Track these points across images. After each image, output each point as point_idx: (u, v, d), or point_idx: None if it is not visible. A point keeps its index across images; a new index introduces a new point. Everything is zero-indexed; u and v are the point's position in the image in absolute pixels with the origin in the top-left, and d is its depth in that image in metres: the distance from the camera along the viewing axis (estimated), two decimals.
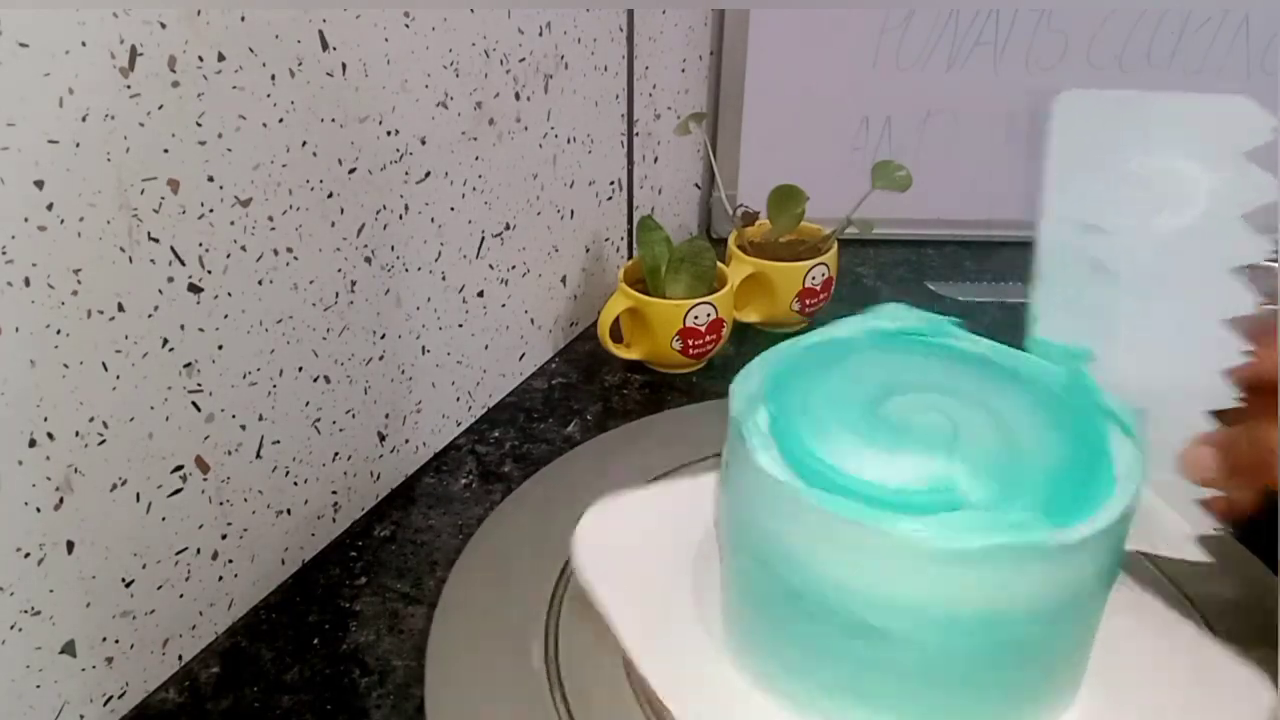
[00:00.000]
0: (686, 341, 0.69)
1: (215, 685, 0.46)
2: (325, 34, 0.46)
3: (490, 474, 0.61)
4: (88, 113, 0.36)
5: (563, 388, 0.71)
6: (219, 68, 0.41)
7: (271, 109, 0.44)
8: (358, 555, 0.55)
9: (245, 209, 0.44)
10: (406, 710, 0.45)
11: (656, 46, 0.78)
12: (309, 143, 0.46)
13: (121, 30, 0.37)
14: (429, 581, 0.52)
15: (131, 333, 0.40)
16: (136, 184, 0.39)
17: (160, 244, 0.40)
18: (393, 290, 0.55)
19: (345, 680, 0.46)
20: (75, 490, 0.40)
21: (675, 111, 0.84)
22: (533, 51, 0.62)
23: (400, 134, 0.52)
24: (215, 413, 0.45)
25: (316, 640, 0.49)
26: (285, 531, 0.52)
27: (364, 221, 0.51)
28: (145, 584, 0.44)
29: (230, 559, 0.49)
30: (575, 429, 0.66)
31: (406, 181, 0.54)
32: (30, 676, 0.40)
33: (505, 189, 0.63)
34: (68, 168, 0.36)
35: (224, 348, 0.45)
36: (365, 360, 0.55)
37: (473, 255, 0.62)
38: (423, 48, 0.52)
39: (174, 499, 0.44)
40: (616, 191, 0.78)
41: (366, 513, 0.58)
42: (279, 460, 0.50)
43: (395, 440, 0.59)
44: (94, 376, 0.39)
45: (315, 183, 0.48)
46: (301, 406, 0.51)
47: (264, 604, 0.51)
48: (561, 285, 0.74)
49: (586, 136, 0.71)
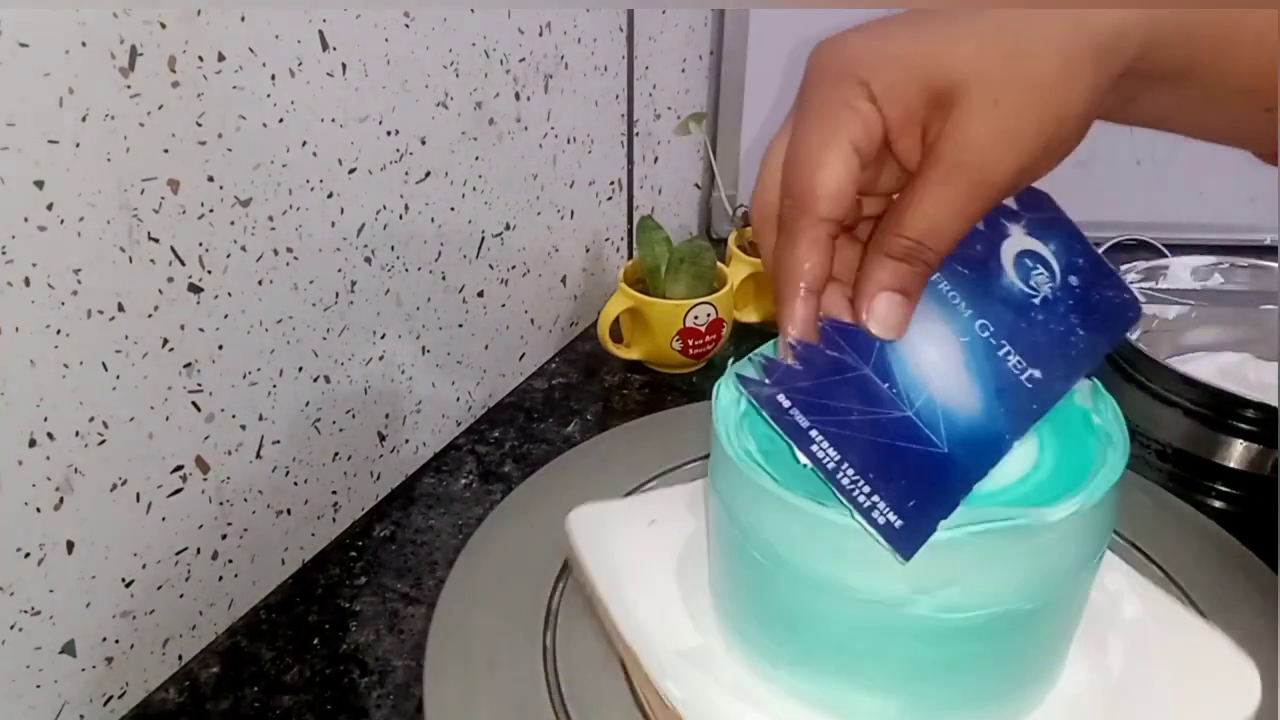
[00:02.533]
0: (686, 341, 0.69)
1: (215, 685, 0.46)
2: (325, 34, 0.46)
3: (490, 474, 0.61)
4: (88, 113, 0.36)
5: (563, 388, 0.71)
6: (219, 68, 0.41)
7: (271, 109, 0.44)
8: (358, 555, 0.55)
9: (245, 209, 0.44)
10: (406, 710, 0.45)
11: (656, 46, 0.78)
12: (309, 143, 0.46)
13: (121, 30, 0.37)
14: (429, 581, 0.52)
15: (131, 333, 0.40)
16: (136, 184, 0.39)
17: (160, 244, 0.40)
18: (393, 290, 0.55)
19: (345, 680, 0.46)
20: (75, 490, 0.40)
21: (675, 111, 0.84)
22: (533, 51, 0.62)
23: (400, 134, 0.52)
24: (215, 413, 0.45)
25: (316, 640, 0.49)
26: (285, 531, 0.52)
27: (364, 221, 0.51)
28: (145, 584, 0.44)
29: (230, 559, 0.49)
30: (575, 429, 0.66)
31: (406, 181, 0.54)
32: (30, 676, 0.40)
33: (505, 189, 0.63)
34: (68, 168, 0.36)
35: (224, 348, 0.45)
36: (365, 360, 0.55)
37: (473, 255, 0.62)
38: (423, 48, 0.52)
39: (174, 499, 0.44)
40: (616, 191, 0.78)
41: (366, 513, 0.58)
42: (279, 460, 0.50)
43: (395, 440, 0.59)
44: (94, 376, 0.39)
45: (315, 183, 0.47)
46: (301, 406, 0.51)
47: (264, 604, 0.51)
48: (561, 285, 0.74)
49: (586, 136, 0.71)
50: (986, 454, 0.31)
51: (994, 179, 0.29)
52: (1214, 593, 0.43)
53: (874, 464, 0.30)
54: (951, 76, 0.28)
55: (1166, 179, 0.91)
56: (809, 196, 0.30)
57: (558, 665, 0.40)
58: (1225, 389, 0.56)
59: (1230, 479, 0.57)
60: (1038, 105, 0.28)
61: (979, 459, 0.31)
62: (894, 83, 0.28)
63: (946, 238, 0.30)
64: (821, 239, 0.30)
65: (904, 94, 0.28)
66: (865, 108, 0.29)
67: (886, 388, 0.32)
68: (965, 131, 0.28)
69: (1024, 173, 0.29)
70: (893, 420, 0.31)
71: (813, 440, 0.31)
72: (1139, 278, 0.69)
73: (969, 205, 0.29)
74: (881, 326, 0.31)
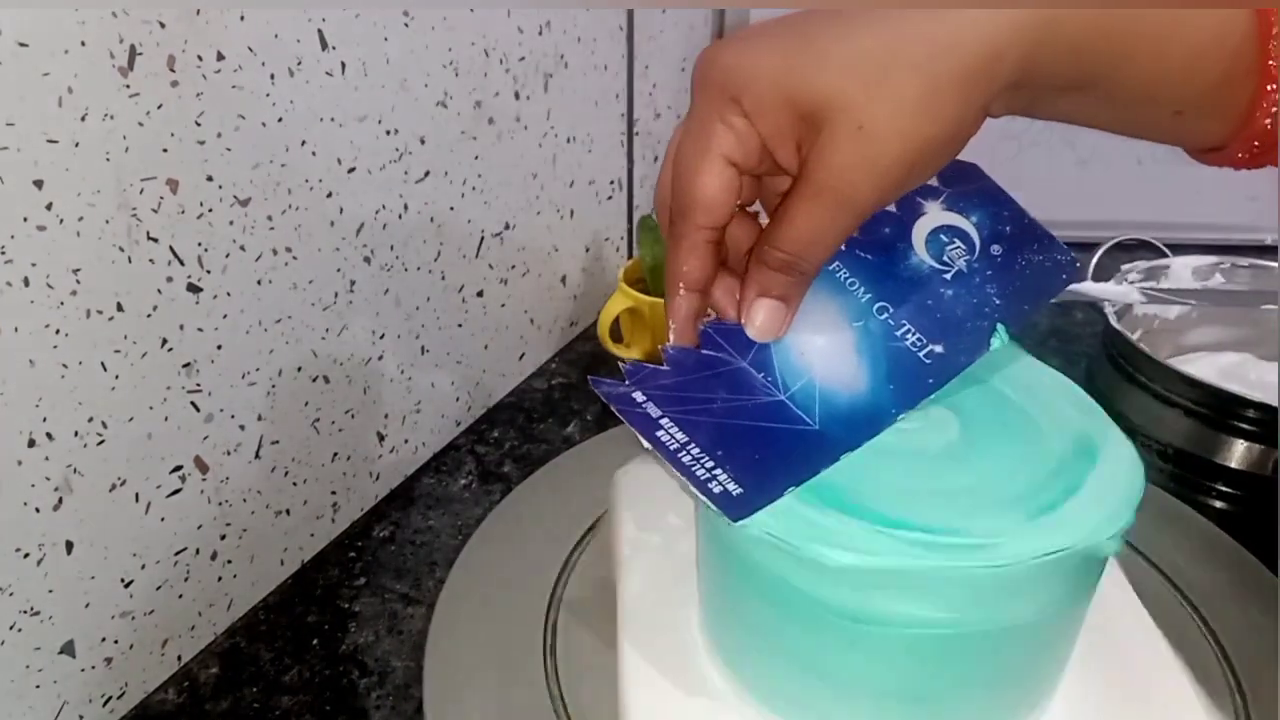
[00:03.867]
0: None
1: (214, 686, 0.46)
2: (325, 34, 0.46)
3: (490, 474, 0.61)
4: (87, 112, 0.36)
5: (563, 388, 0.71)
6: (218, 67, 0.41)
7: (271, 109, 0.44)
8: (357, 556, 0.54)
9: (244, 209, 0.44)
10: (406, 711, 0.45)
11: (656, 46, 0.78)
12: (308, 142, 0.46)
13: (121, 30, 0.37)
14: (428, 582, 0.52)
15: (130, 333, 0.40)
16: (135, 183, 0.39)
17: (159, 244, 0.40)
18: (392, 290, 0.55)
19: (344, 681, 0.46)
20: (74, 490, 0.39)
21: (675, 111, 0.84)
22: (532, 51, 0.62)
23: (399, 133, 0.52)
24: (214, 413, 0.45)
25: (316, 641, 0.49)
26: (284, 532, 0.52)
27: (363, 221, 0.51)
28: (144, 584, 0.44)
29: (229, 559, 0.49)
30: (575, 429, 0.66)
31: (406, 181, 0.54)
32: (30, 676, 0.40)
33: (505, 188, 0.63)
34: (67, 167, 0.36)
35: (223, 347, 0.45)
36: (365, 360, 0.55)
37: (472, 255, 0.62)
38: (422, 47, 0.52)
39: (173, 499, 0.44)
40: (616, 191, 0.78)
41: (366, 513, 0.58)
42: (278, 460, 0.50)
43: (395, 440, 0.59)
44: (93, 376, 0.39)
45: (315, 182, 0.47)
46: (301, 406, 0.51)
47: (263, 604, 0.51)
48: (561, 285, 0.74)
49: (586, 136, 0.71)
50: (864, 429, 0.32)
51: (858, 200, 0.29)
52: (1214, 593, 0.43)
53: (725, 442, 0.31)
54: (817, 99, 0.28)
55: (1166, 179, 0.91)
56: (687, 206, 0.31)
57: (558, 665, 0.40)
58: (1226, 389, 0.56)
59: (1231, 479, 0.57)
60: (901, 132, 0.28)
61: (854, 434, 0.32)
62: (764, 100, 0.29)
63: (818, 252, 0.31)
64: (699, 244, 0.32)
65: (773, 111, 0.29)
66: (738, 122, 0.30)
67: (762, 377, 0.33)
68: (830, 155, 0.29)
69: (890, 193, 0.30)
70: (760, 405, 0.32)
71: (660, 427, 0.31)
72: (1139, 278, 0.69)
73: (835, 223, 0.30)
74: (759, 331, 0.33)
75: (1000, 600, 0.30)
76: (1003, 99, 0.29)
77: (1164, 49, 0.28)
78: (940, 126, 0.28)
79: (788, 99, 0.29)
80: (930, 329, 0.33)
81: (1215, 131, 0.30)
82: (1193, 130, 0.30)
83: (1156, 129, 0.31)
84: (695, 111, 0.31)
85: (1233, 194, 0.90)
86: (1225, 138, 0.30)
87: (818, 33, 0.29)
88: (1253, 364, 0.67)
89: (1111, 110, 0.30)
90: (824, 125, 0.28)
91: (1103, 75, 0.28)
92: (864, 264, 0.34)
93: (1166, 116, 0.30)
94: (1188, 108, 0.29)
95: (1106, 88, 0.29)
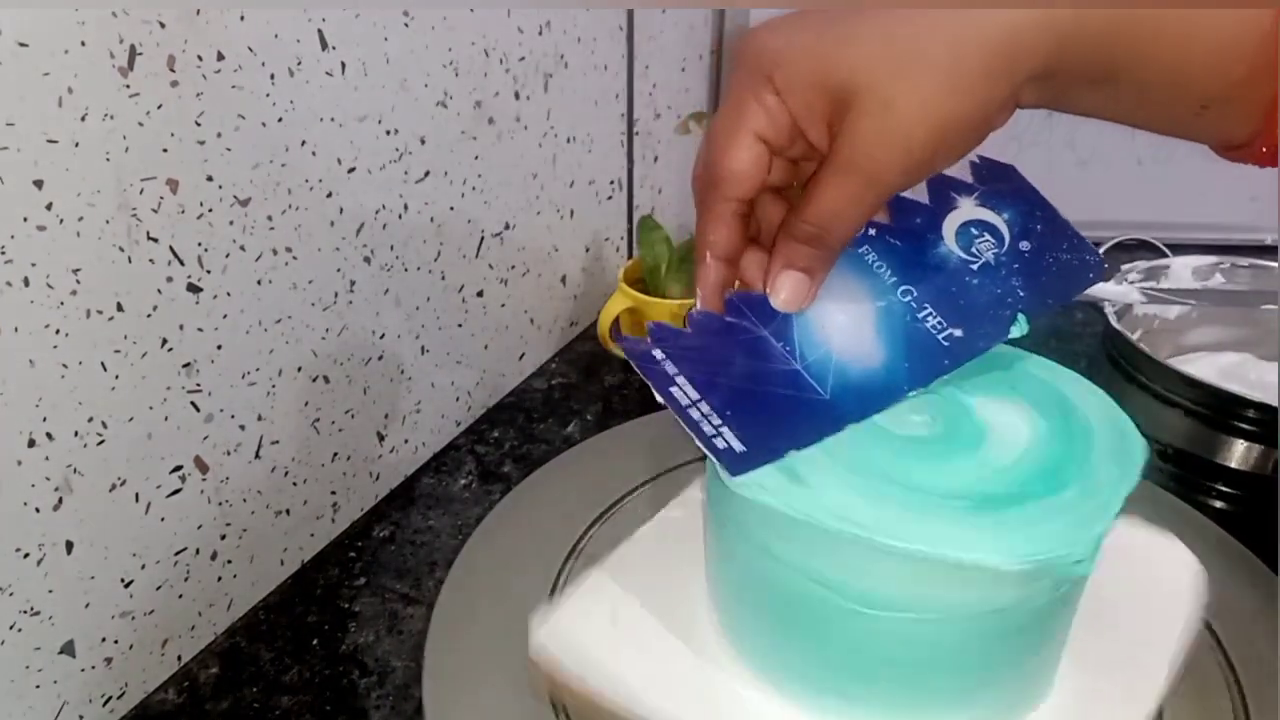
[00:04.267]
0: None
1: (214, 686, 0.46)
2: (325, 34, 0.46)
3: (490, 474, 0.61)
4: (87, 112, 0.36)
5: (563, 388, 0.71)
6: (218, 67, 0.41)
7: (271, 109, 0.44)
8: (357, 556, 0.54)
9: (244, 209, 0.44)
10: (405, 711, 0.45)
11: (656, 46, 0.78)
12: (308, 142, 0.46)
13: (121, 30, 0.37)
14: (428, 582, 0.52)
15: (130, 333, 0.40)
16: (135, 183, 0.39)
17: (159, 244, 0.40)
18: (392, 290, 0.55)
19: (344, 681, 0.46)
20: (74, 490, 0.39)
21: (675, 111, 0.84)
22: (532, 51, 0.62)
23: (399, 133, 0.52)
24: (214, 413, 0.45)
25: (316, 641, 0.49)
26: (284, 532, 0.52)
27: (363, 221, 0.51)
28: (144, 584, 0.44)
29: (229, 559, 0.49)
30: (575, 429, 0.66)
31: (406, 181, 0.54)
32: (30, 676, 0.40)
33: (505, 188, 0.63)
34: (67, 167, 0.36)
35: (223, 348, 0.45)
36: (365, 360, 0.55)
37: (472, 255, 0.62)
38: (422, 47, 0.52)
39: (173, 499, 0.44)
40: (616, 191, 0.78)
41: (366, 513, 0.58)
42: (278, 460, 0.50)
43: (394, 440, 0.59)
44: (93, 376, 0.39)
45: (315, 182, 0.47)
46: (300, 406, 0.51)
47: (263, 604, 0.51)
48: (561, 285, 0.74)
49: (586, 136, 0.71)
50: (874, 401, 0.33)
51: (885, 178, 0.30)
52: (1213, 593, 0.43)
53: (736, 403, 0.32)
54: (847, 77, 0.29)
55: (1167, 179, 0.91)
56: (717, 178, 0.32)
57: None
58: (1226, 389, 0.56)
59: (1231, 479, 0.57)
60: (927, 110, 0.29)
61: (863, 405, 0.33)
62: (795, 78, 0.30)
63: (844, 226, 0.32)
64: (726, 215, 0.33)
65: (804, 89, 0.30)
66: (770, 100, 0.31)
67: (780, 346, 0.34)
68: (858, 132, 0.30)
69: (916, 172, 0.31)
70: (775, 371, 0.33)
71: (674, 383, 0.33)
72: (1140, 277, 0.69)
73: (862, 199, 0.31)
74: (783, 302, 0.33)
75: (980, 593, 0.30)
76: (1032, 89, 0.30)
77: (1188, 45, 0.29)
78: (966, 108, 0.29)
79: (818, 77, 0.30)
80: (951, 313, 0.34)
81: (1239, 128, 0.30)
82: (1218, 126, 0.31)
83: (1182, 124, 0.31)
84: (731, 88, 0.32)
85: (1233, 194, 0.89)
86: (1249, 134, 0.30)
87: (850, 16, 0.30)
88: (1253, 364, 0.67)
89: (1138, 105, 0.31)
90: (853, 103, 0.29)
91: (1128, 68, 0.29)
92: (893, 250, 0.35)
93: (1192, 112, 0.30)
94: (1212, 103, 0.30)
95: (1132, 81, 0.30)
